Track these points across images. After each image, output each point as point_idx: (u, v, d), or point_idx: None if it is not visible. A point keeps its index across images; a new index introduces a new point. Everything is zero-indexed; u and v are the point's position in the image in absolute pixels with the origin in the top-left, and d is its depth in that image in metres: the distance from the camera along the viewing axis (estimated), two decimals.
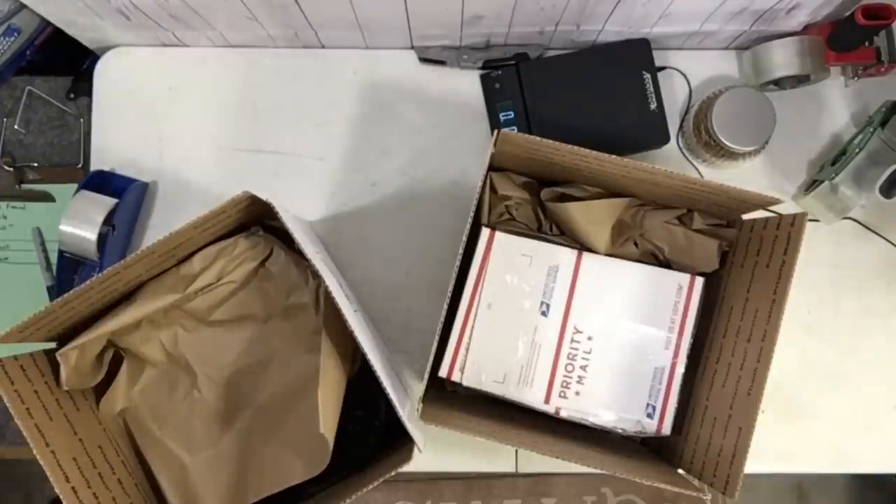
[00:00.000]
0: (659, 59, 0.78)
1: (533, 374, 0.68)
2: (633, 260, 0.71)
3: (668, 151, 0.81)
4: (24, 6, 0.76)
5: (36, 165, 0.85)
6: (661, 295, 0.69)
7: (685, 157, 0.82)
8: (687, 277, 0.69)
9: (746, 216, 0.68)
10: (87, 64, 0.87)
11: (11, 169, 0.84)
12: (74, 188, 0.77)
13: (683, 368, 0.68)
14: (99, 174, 0.79)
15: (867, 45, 0.76)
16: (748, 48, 0.79)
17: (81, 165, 0.84)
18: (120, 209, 0.76)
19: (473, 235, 0.69)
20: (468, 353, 0.68)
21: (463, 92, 0.82)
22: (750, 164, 0.79)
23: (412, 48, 0.82)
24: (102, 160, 0.82)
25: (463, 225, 0.62)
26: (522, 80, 0.78)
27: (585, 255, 0.69)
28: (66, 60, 0.87)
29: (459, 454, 0.77)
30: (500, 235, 0.69)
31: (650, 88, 0.77)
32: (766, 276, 0.62)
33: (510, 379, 0.68)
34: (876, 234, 0.80)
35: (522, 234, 0.71)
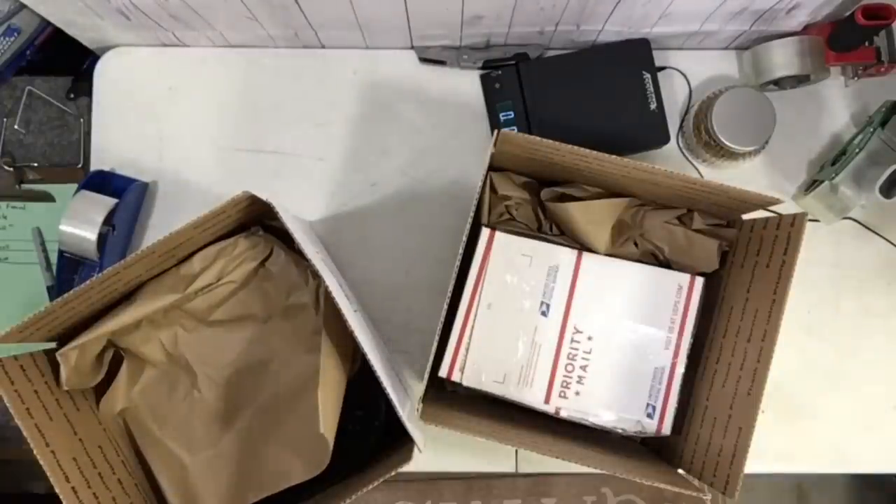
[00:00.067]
0: (659, 59, 0.78)
1: (533, 374, 0.68)
2: (633, 260, 0.71)
3: (668, 151, 0.81)
4: (24, 6, 0.76)
5: (36, 165, 0.85)
6: (661, 295, 0.69)
7: (685, 157, 0.82)
8: (687, 277, 0.69)
9: (746, 216, 0.68)
10: (87, 64, 0.87)
11: (11, 169, 0.84)
12: (74, 188, 0.77)
13: (683, 368, 0.68)
14: (99, 174, 0.79)
15: (867, 45, 0.76)
16: (748, 48, 0.79)
17: (81, 165, 0.84)
18: (120, 209, 0.76)
19: (473, 235, 0.69)
20: (468, 353, 0.68)
21: (463, 92, 0.82)
22: (750, 164, 0.79)
23: (412, 48, 0.82)
24: (102, 160, 0.82)
25: (463, 225, 0.62)
26: (522, 80, 0.78)
27: (585, 255, 0.69)
28: (66, 60, 0.87)
29: (459, 454, 0.77)
30: (500, 235, 0.69)
31: (650, 88, 0.77)
32: (766, 276, 0.62)
33: (510, 379, 0.68)
34: (876, 234, 0.80)
35: (522, 234, 0.71)
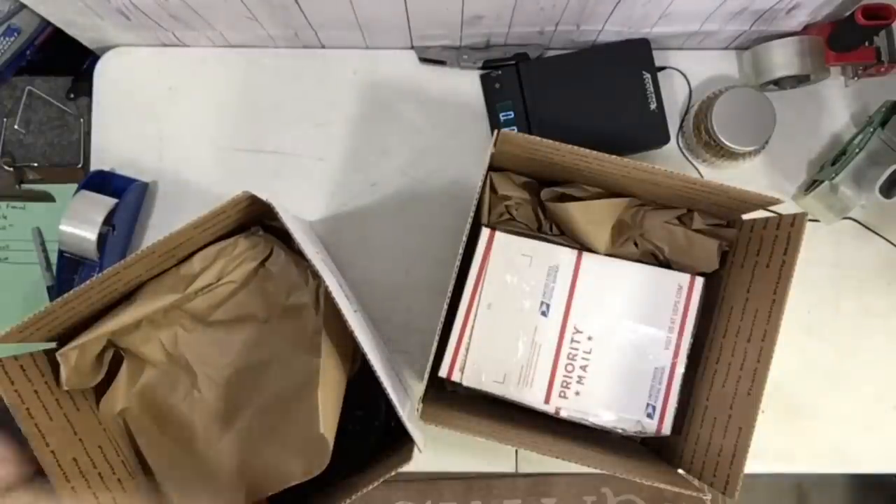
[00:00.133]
0: (659, 59, 0.78)
1: (533, 374, 0.68)
2: (633, 260, 0.71)
3: (668, 151, 0.81)
4: (24, 6, 0.76)
5: (36, 165, 0.85)
6: (661, 295, 0.69)
7: (685, 157, 0.82)
8: (687, 277, 0.69)
9: (746, 216, 0.68)
10: (87, 64, 0.87)
11: (11, 169, 0.84)
12: (74, 188, 0.77)
13: (683, 368, 0.68)
14: (99, 174, 0.79)
15: (867, 45, 0.76)
16: (748, 48, 0.79)
17: (81, 165, 0.84)
18: (120, 209, 0.76)
19: (473, 235, 0.69)
20: (468, 353, 0.68)
21: (463, 92, 0.82)
22: (750, 164, 0.79)
23: (412, 48, 0.82)
24: (102, 160, 0.82)
25: (463, 225, 0.62)
26: (522, 80, 0.78)
27: (585, 255, 0.69)
28: (66, 60, 0.87)
29: (459, 454, 0.77)
30: (500, 235, 0.69)
31: (650, 88, 0.77)
32: (766, 276, 0.62)
33: (510, 379, 0.68)
34: (876, 234, 0.80)
35: (522, 234, 0.71)
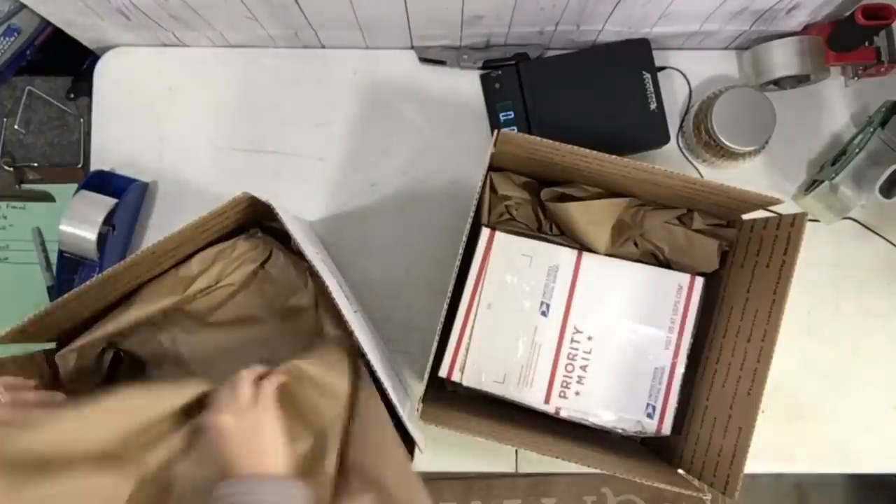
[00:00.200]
0: (659, 59, 0.78)
1: (533, 374, 0.68)
2: (633, 260, 0.71)
3: (668, 151, 0.81)
4: (24, 6, 0.76)
5: (36, 165, 0.85)
6: (661, 295, 0.69)
7: (685, 157, 0.82)
8: (687, 277, 0.69)
9: (746, 216, 0.68)
10: (87, 64, 0.87)
11: (11, 169, 0.84)
12: (74, 188, 0.77)
13: (683, 368, 0.68)
14: (99, 174, 0.79)
15: (867, 45, 0.76)
16: (748, 48, 0.79)
17: (81, 165, 0.84)
18: (120, 209, 0.76)
19: (473, 235, 0.69)
20: (468, 353, 0.68)
21: (463, 92, 0.82)
22: (750, 164, 0.79)
23: (412, 48, 0.82)
24: (102, 160, 0.82)
25: (463, 225, 0.62)
26: (522, 80, 0.78)
27: (585, 255, 0.69)
28: (66, 60, 0.87)
29: (459, 454, 0.77)
30: (500, 235, 0.69)
31: (650, 88, 0.77)
32: (766, 276, 0.62)
33: (510, 379, 0.68)
34: (876, 234, 0.80)
35: (522, 234, 0.71)
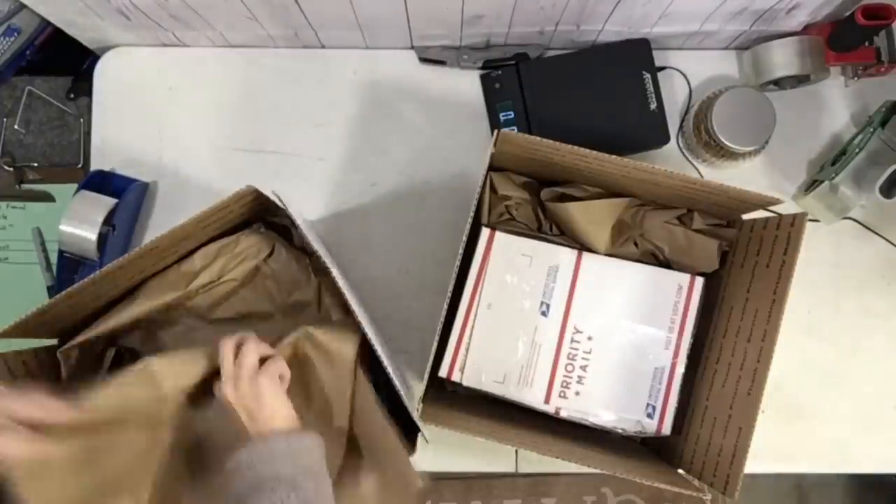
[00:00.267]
0: (659, 59, 0.78)
1: (533, 374, 0.68)
2: (633, 260, 0.71)
3: (668, 151, 0.81)
4: (24, 6, 0.76)
5: (36, 165, 0.85)
6: (660, 295, 0.69)
7: (685, 157, 0.82)
8: (687, 277, 0.69)
9: (746, 216, 0.68)
10: (87, 64, 0.87)
11: (11, 169, 0.84)
12: (74, 188, 0.77)
13: (683, 368, 0.68)
14: (99, 174, 0.79)
15: (867, 45, 0.76)
16: (748, 48, 0.79)
17: (81, 165, 0.84)
18: (120, 209, 0.76)
19: (473, 235, 0.69)
20: (468, 353, 0.68)
21: (463, 92, 0.82)
22: (750, 164, 0.79)
23: (412, 48, 0.82)
24: (102, 160, 0.82)
25: (463, 224, 0.62)
26: (522, 80, 0.78)
27: (585, 255, 0.69)
28: (66, 60, 0.87)
29: (459, 454, 0.77)
30: (500, 235, 0.69)
31: (650, 88, 0.77)
32: (766, 276, 0.62)
33: (510, 379, 0.68)
34: (876, 234, 0.80)
35: (522, 234, 0.71)
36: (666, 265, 0.71)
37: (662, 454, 0.70)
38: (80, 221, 0.75)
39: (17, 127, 0.85)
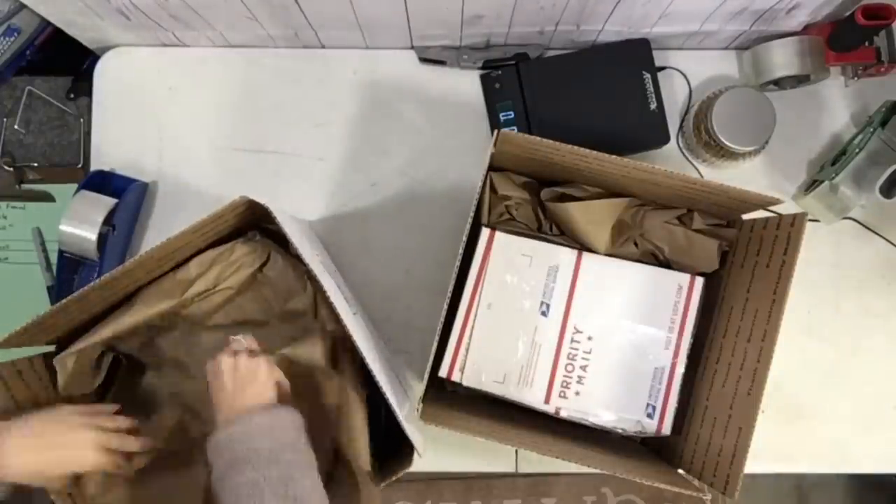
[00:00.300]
0: (659, 59, 0.78)
1: (533, 374, 0.68)
2: (633, 260, 0.71)
3: (668, 151, 0.81)
4: (24, 6, 0.76)
5: (36, 165, 0.85)
6: (660, 295, 0.69)
7: (685, 157, 0.82)
8: (687, 277, 0.69)
9: (746, 216, 0.68)
10: (87, 64, 0.87)
11: (11, 169, 0.84)
12: (74, 188, 0.77)
13: (683, 368, 0.68)
14: (99, 174, 0.79)
15: (867, 45, 0.76)
16: (748, 48, 0.79)
17: (81, 165, 0.84)
18: (120, 209, 0.76)
19: (473, 235, 0.68)
20: (468, 353, 0.68)
21: (463, 92, 0.82)
22: (750, 164, 0.79)
23: (412, 48, 0.82)
24: (102, 160, 0.82)
25: (463, 225, 0.62)
26: (522, 80, 0.78)
27: (585, 255, 0.69)
28: (66, 60, 0.87)
29: (459, 454, 0.77)
30: (500, 235, 0.69)
31: (650, 88, 0.77)
32: (766, 276, 0.62)
33: (510, 379, 0.68)
34: (876, 234, 0.80)
35: (522, 234, 0.71)
36: (666, 265, 0.71)
37: (662, 454, 0.70)
38: (80, 221, 0.75)
39: (17, 127, 0.85)
